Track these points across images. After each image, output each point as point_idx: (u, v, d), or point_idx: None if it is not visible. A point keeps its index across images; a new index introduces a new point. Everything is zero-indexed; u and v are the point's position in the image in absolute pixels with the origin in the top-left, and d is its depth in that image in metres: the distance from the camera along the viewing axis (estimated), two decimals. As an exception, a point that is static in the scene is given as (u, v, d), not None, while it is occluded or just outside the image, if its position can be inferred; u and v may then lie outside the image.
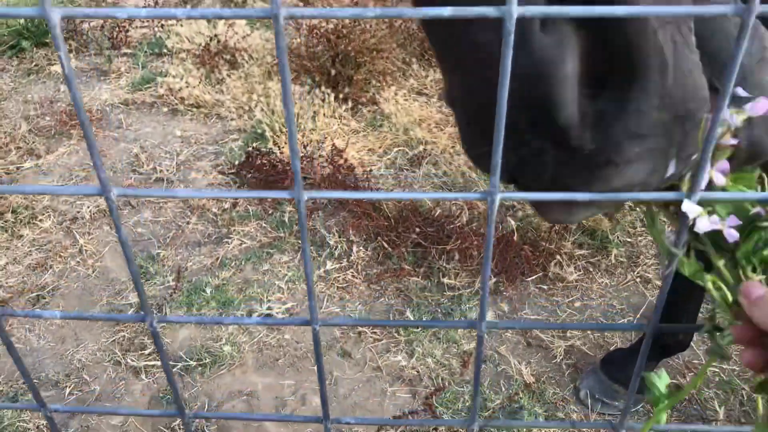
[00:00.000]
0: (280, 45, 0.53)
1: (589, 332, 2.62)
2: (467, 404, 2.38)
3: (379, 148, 3.50)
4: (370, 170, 3.28)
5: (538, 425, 0.80)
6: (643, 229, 3.03)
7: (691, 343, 2.41)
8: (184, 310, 2.71)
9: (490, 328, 0.72)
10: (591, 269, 2.86)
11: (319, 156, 3.31)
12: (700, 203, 0.60)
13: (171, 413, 0.84)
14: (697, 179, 0.58)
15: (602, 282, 2.81)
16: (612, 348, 2.53)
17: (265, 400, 2.42)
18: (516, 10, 0.48)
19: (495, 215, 0.61)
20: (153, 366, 2.53)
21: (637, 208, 3.10)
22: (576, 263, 2.86)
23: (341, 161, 3.20)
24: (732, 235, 0.64)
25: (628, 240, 2.98)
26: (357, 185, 3.12)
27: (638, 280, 2.82)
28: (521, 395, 2.39)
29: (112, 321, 0.64)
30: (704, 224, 0.63)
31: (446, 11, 0.49)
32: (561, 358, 2.53)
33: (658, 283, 2.80)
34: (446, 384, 2.44)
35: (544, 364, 2.52)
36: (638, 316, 2.67)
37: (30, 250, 3.01)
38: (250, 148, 3.39)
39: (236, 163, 3.40)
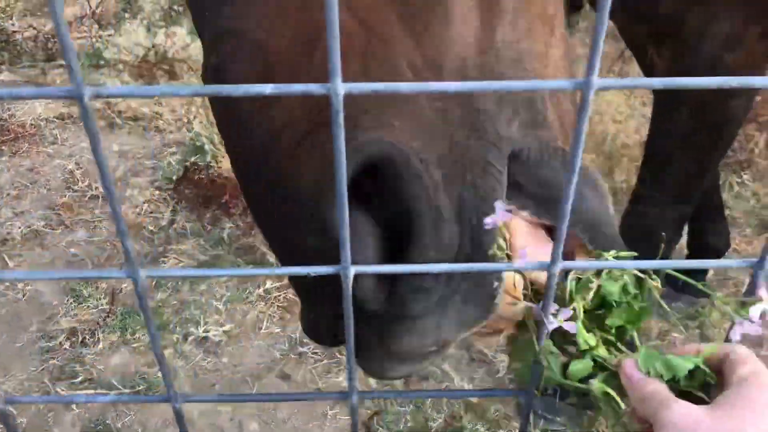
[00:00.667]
0: (90, 127, 0.47)
1: (531, 346, 2.60)
2: (409, 424, 2.34)
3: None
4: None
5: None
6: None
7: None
8: (117, 335, 2.62)
9: (362, 398, 0.67)
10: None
11: (260, 170, 3.24)
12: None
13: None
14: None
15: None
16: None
17: (201, 428, 2.35)
18: (341, 87, 0.44)
19: (350, 290, 0.56)
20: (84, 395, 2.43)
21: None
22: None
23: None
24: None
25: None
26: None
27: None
28: (463, 414, 2.36)
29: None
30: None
31: (268, 88, 0.45)
32: (504, 372, 2.51)
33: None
34: (388, 405, 2.39)
35: (487, 379, 2.49)
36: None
37: (-44, 275, 2.89)
38: (188, 163, 3.30)
39: (174, 178, 3.31)
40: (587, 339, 0.66)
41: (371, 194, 0.67)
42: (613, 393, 0.65)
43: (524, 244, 0.68)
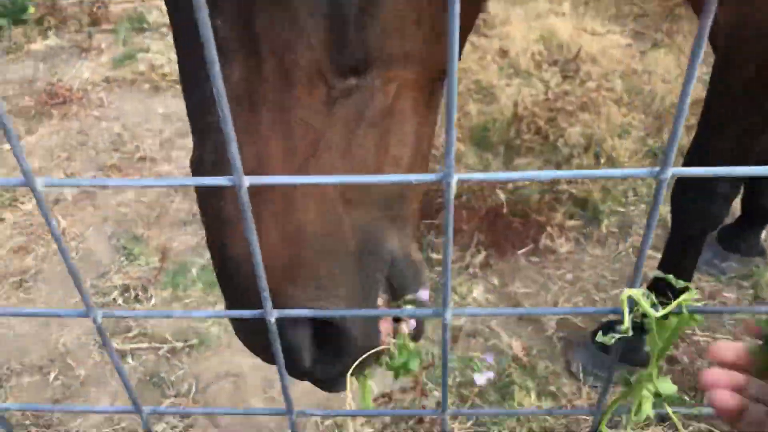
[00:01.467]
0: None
1: (580, 305, 2.58)
2: (458, 380, 2.35)
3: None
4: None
5: (510, 413, 0.76)
6: (635, 197, 2.99)
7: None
8: (169, 292, 2.67)
9: (456, 314, 0.67)
10: (582, 240, 2.82)
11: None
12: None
13: (126, 410, 0.80)
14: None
15: (594, 253, 2.77)
16: (603, 320, 2.49)
17: (252, 382, 2.38)
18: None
19: (453, 197, 0.56)
20: (138, 349, 2.49)
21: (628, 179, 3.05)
22: (567, 235, 2.82)
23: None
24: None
25: (620, 210, 2.94)
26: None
27: (630, 250, 2.78)
28: (512, 370, 2.36)
29: (54, 316, 0.60)
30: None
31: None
32: (552, 331, 2.50)
33: (651, 253, 2.76)
34: (436, 360, 2.41)
35: (535, 338, 2.49)
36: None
37: (12, 234, 2.96)
38: (234, 125, 3.31)
39: (220, 140, 3.33)
40: None
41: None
42: None
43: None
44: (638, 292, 0.62)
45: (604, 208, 2.91)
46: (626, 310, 0.63)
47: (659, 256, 2.65)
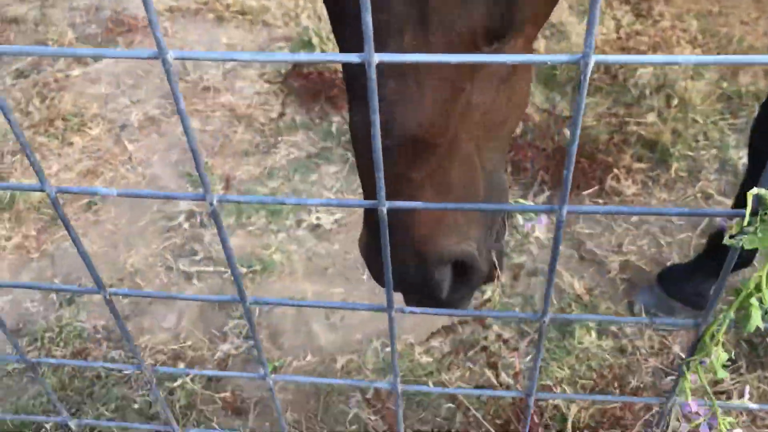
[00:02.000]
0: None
1: (645, 248, 2.54)
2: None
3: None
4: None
5: (616, 320, 0.75)
6: (706, 142, 2.90)
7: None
8: (233, 218, 2.71)
9: (571, 212, 0.66)
10: (650, 183, 2.75)
11: (368, 64, 3.21)
12: None
13: (229, 299, 0.82)
14: None
15: (661, 197, 2.71)
16: (669, 263, 2.45)
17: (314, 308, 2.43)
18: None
19: (588, 78, 0.55)
20: (204, 271, 2.56)
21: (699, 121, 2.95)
22: (634, 177, 2.76)
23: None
24: None
25: (690, 154, 2.85)
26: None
27: (699, 195, 2.71)
28: (573, 308, 2.35)
29: (173, 198, 0.62)
30: None
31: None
32: (615, 273, 2.47)
33: (720, 198, 2.69)
34: (496, 296, 2.41)
35: (597, 279, 2.47)
36: (697, 233, 2.58)
37: (81, 158, 3.03)
38: (298, 57, 3.30)
39: (283, 71, 3.33)
40: None
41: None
42: None
43: None
44: (766, 192, 0.60)
45: (674, 152, 2.83)
46: (749, 208, 0.61)
47: (729, 202, 2.57)
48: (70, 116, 3.19)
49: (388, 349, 2.29)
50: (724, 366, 0.64)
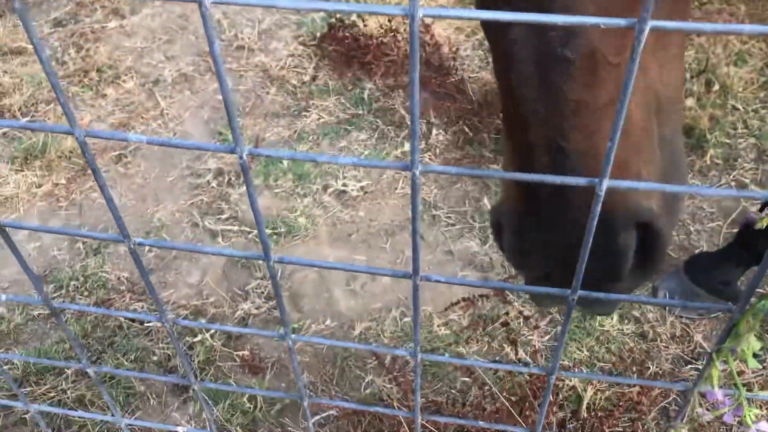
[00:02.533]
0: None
1: (673, 233, 2.50)
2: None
3: (468, 27, 3.33)
4: (457, 50, 3.13)
5: (647, 301, 0.73)
6: (744, 130, 2.83)
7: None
8: (261, 179, 2.72)
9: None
10: (683, 169, 2.70)
11: (404, 31, 3.17)
12: None
13: (254, 256, 0.81)
14: None
15: (694, 183, 2.66)
16: (697, 251, 2.41)
17: (336, 273, 2.44)
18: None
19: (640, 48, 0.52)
20: (229, 230, 2.57)
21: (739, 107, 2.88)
22: (667, 162, 2.71)
23: (427, 37, 3.06)
24: None
25: (727, 141, 2.79)
26: (441, 64, 3.00)
27: (733, 183, 2.65)
28: (596, 290, 2.32)
29: (202, 150, 0.61)
30: None
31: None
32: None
33: (755, 189, 2.63)
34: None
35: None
36: (728, 222, 2.53)
37: (113, 110, 3.05)
38: (333, 20, 3.27)
39: (318, 34, 3.30)
40: None
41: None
42: None
43: None
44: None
45: (711, 138, 2.76)
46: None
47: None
48: (104, 68, 3.20)
49: (407, 318, 2.29)
50: (755, 356, 0.63)
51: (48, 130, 0.71)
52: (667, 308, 2.27)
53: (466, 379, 2.07)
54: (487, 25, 0.98)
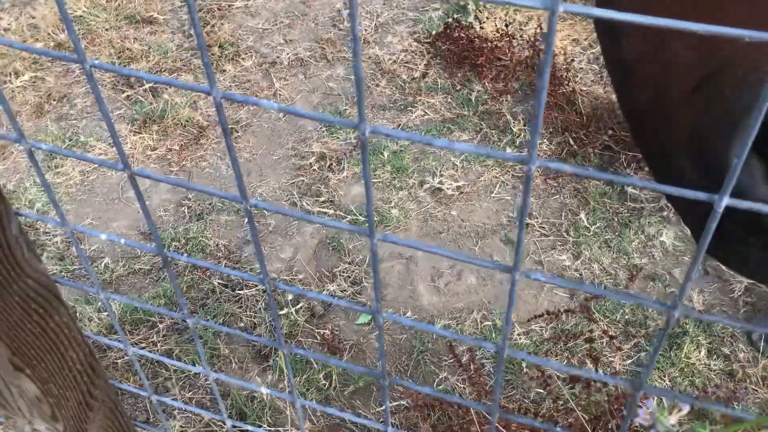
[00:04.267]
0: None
1: (778, 275, 2.39)
2: (626, 317, 2.29)
3: (585, 39, 3.28)
4: (572, 61, 3.09)
5: (751, 328, 0.72)
6: None
7: None
8: (360, 168, 2.78)
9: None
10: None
11: (520, 38, 3.15)
12: None
13: (359, 229, 0.85)
14: None
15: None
16: (802, 296, 2.30)
17: (422, 266, 2.46)
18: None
19: None
20: (325, 213, 2.64)
21: None
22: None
23: (543, 45, 3.04)
24: None
25: None
26: (554, 74, 2.97)
27: None
28: (687, 322, 2.26)
29: (328, 123, 0.64)
30: None
31: None
32: (739, 294, 2.35)
33: None
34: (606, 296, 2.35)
35: (718, 296, 2.35)
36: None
37: (230, 86, 3.18)
38: (450, 20, 3.29)
39: (433, 32, 3.33)
40: None
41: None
42: None
43: None
44: None
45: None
46: None
47: None
48: (226, 45, 3.34)
49: (487, 322, 2.29)
50: None
51: (189, 88, 0.77)
52: (760, 350, 2.18)
53: (541, 390, 2.06)
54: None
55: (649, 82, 0.89)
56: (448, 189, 2.71)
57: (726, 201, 0.61)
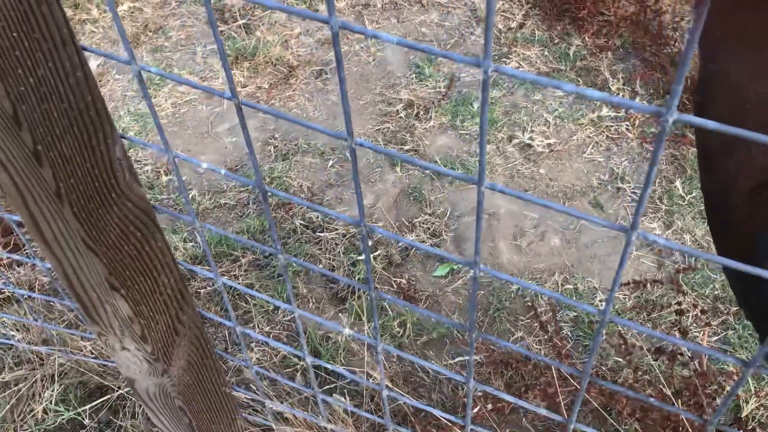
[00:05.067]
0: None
1: None
2: (716, 292, 2.19)
3: (697, -3, 3.08)
4: (680, 20, 2.91)
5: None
6: None
7: None
8: (448, 118, 2.72)
9: None
10: None
11: (627, -8, 2.99)
12: None
13: (467, 177, 0.81)
14: None
15: None
16: None
17: (504, 224, 2.41)
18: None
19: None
20: (407, 165, 2.60)
21: None
22: None
23: (651, 1, 2.87)
24: None
25: None
26: (660, 32, 2.80)
27: None
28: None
29: (449, 59, 0.60)
30: None
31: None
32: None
33: None
34: (698, 266, 2.25)
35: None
36: None
37: (322, 27, 3.15)
38: (553, -31, 3.15)
39: (534, -18, 3.19)
40: None
41: None
42: None
43: None
44: None
45: None
46: None
47: None
48: (320, -15, 3.30)
49: (569, 285, 2.23)
50: None
51: (307, 16, 0.74)
52: None
53: (620, 359, 2.00)
54: None
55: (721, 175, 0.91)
56: (538, 146, 2.62)
57: None
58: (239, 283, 2.23)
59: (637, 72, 2.78)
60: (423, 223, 2.45)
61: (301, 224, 2.43)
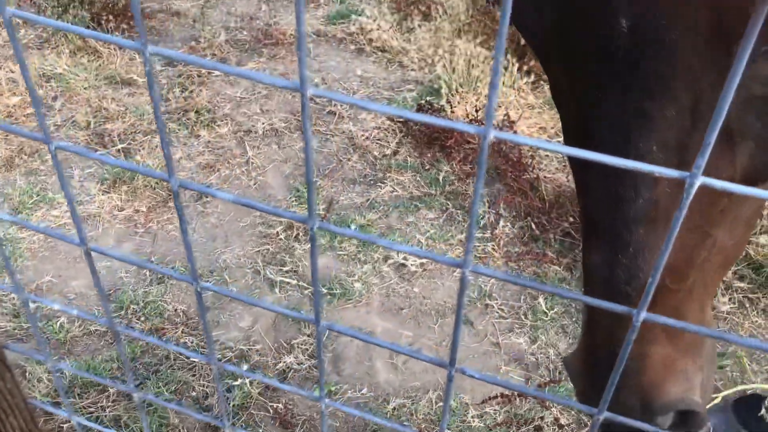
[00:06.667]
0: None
1: (728, 369, 2.44)
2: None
3: (552, 128, 3.40)
4: (537, 148, 3.20)
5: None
6: (819, 278, 2.76)
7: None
8: (326, 239, 2.81)
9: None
10: (747, 305, 2.65)
11: (489, 123, 3.26)
12: None
13: (306, 317, 0.87)
14: None
15: (756, 321, 2.60)
16: (750, 391, 2.34)
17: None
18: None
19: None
20: (288, 283, 2.65)
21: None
22: (732, 294, 2.66)
23: (510, 132, 3.14)
24: None
25: (798, 285, 2.72)
26: (520, 160, 3.06)
27: (799, 330, 2.58)
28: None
29: (278, 216, 0.66)
30: None
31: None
32: (691, 387, 2.38)
33: (822, 339, 2.55)
34: (563, 379, 2.37)
35: (670, 388, 2.38)
36: (789, 367, 2.45)
37: (203, 151, 3.22)
38: (423, 102, 3.40)
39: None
40: None
41: None
42: None
43: None
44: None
45: (782, 279, 2.71)
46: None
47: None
48: (203, 111, 3.40)
49: (442, 403, 2.29)
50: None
51: (146, 173, 0.80)
52: (712, 444, 2.20)
53: (491, 476, 2.05)
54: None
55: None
56: (412, 265, 2.74)
57: (643, 316, 0.65)
58: (106, 415, 2.15)
59: (501, 196, 3.00)
60: (301, 344, 2.47)
61: (175, 351, 2.39)
